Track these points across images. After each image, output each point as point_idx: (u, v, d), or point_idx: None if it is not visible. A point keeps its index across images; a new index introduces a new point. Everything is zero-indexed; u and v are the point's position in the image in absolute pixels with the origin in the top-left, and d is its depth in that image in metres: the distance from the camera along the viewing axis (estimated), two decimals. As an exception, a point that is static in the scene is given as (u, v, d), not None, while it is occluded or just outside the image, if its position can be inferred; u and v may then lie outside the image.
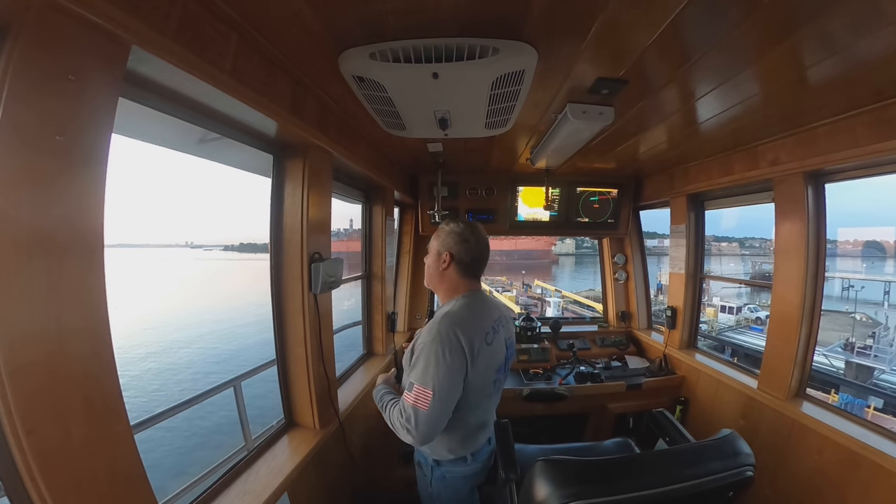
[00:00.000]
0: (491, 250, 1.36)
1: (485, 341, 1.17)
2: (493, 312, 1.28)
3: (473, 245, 1.26)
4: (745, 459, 0.95)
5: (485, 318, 1.22)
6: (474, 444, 1.30)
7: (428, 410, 1.07)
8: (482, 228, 1.33)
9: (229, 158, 1.45)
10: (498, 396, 1.35)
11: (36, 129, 0.57)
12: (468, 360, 1.11)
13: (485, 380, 1.21)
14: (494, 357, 1.23)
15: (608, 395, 2.31)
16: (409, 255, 2.91)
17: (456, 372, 1.10)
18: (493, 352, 1.21)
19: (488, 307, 1.28)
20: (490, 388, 1.25)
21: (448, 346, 1.09)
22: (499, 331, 1.26)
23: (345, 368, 2.12)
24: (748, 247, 64.25)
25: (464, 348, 1.11)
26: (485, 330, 1.19)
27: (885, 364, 13.64)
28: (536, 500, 0.89)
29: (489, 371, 1.21)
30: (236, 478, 1.22)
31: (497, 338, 1.24)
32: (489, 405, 1.32)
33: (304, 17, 0.86)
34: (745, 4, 0.80)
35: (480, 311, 1.23)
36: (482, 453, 1.34)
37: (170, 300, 48.83)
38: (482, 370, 1.17)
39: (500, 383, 1.32)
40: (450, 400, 1.10)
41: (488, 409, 1.32)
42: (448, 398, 1.09)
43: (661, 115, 1.51)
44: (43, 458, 0.59)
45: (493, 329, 1.23)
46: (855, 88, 1.20)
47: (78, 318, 0.64)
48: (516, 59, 0.98)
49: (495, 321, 1.26)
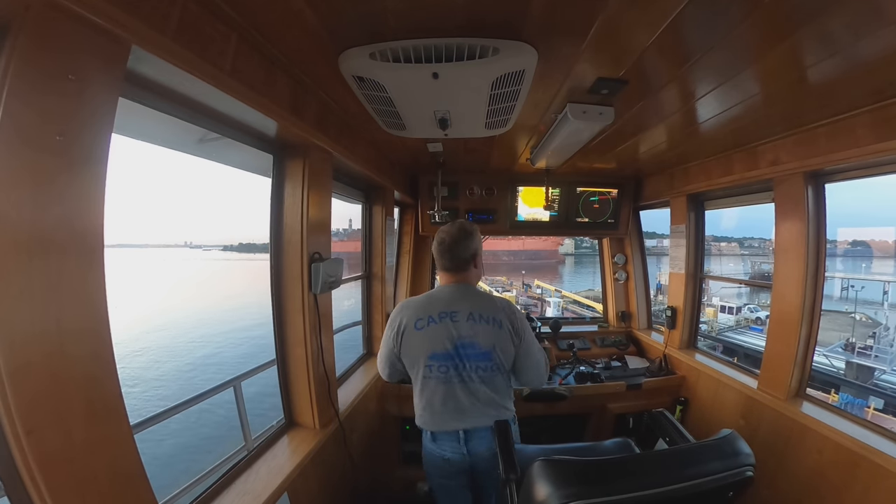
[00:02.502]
0: (498, 250, 1.47)
1: (415, 326, 1.37)
2: (454, 305, 1.38)
3: (436, 244, 1.46)
4: (745, 459, 0.95)
5: (430, 308, 1.39)
6: (434, 424, 1.40)
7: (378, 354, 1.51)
8: (457, 225, 1.47)
9: (229, 158, 1.45)
10: (451, 389, 1.36)
11: (36, 128, 0.57)
12: (396, 333, 1.40)
13: (413, 359, 1.39)
14: (426, 342, 1.36)
15: (608, 395, 2.31)
16: (409, 255, 2.91)
17: (389, 339, 1.43)
18: (424, 336, 1.36)
19: (446, 299, 1.40)
20: (425, 371, 1.37)
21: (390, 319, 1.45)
22: (444, 322, 1.36)
23: (345, 368, 2.12)
24: (747, 247, 64.28)
25: (395, 323, 1.41)
26: (420, 317, 1.38)
27: (885, 364, 13.64)
28: (536, 500, 0.89)
29: (418, 353, 1.37)
30: (236, 478, 1.22)
31: (435, 327, 1.36)
32: (435, 388, 1.37)
33: (304, 17, 0.86)
34: (745, 4, 0.80)
35: (432, 300, 1.42)
36: (446, 442, 1.39)
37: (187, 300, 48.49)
38: (409, 348, 1.38)
39: (441, 371, 1.36)
40: (383, 356, 1.47)
41: (436, 392, 1.37)
42: (382, 354, 1.48)
43: (661, 115, 1.51)
44: (43, 458, 0.59)
45: (436, 319, 1.36)
46: (855, 88, 1.19)
47: (78, 319, 0.64)
48: (516, 59, 0.98)
49: (449, 313, 1.37)
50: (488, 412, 1.38)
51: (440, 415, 1.38)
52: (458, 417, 1.37)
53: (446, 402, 1.37)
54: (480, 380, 1.37)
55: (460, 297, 1.40)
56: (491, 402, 1.38)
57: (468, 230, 1.45)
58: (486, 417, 1.37)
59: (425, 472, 1.52)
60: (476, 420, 1.37)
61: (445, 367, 1.36)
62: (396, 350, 1.41)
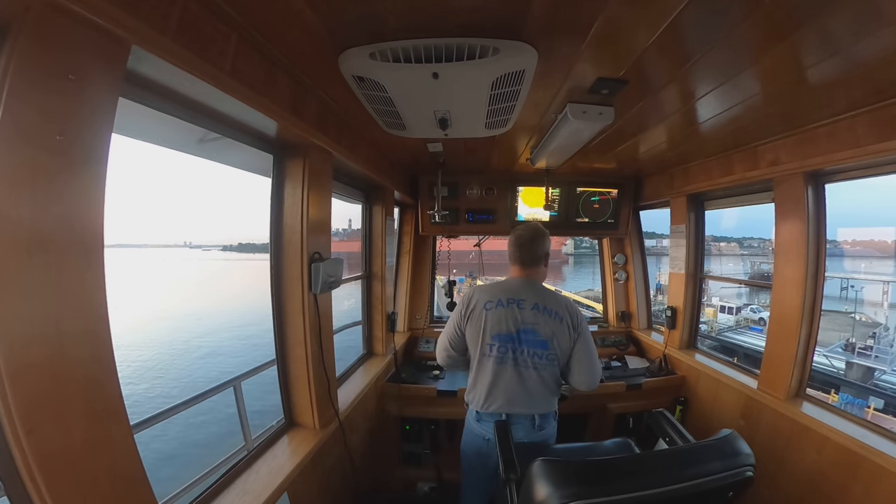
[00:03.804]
0: (504, 251, 1.64)
1: (484, 306, 1.48)
2: (522, 294, 1.51)
3: (514, 238, 1.60)
4: (745, 459, 0.95)
5: (500, 293, 1.51)
6: (481, 404, 1.48)
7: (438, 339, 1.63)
8: (533, 226, 1.62)
9: (229, 158, 1.45)
10: (505, 371, 1.46)
11: (36, 127, 0.57)
12: (465, 309, 1.53)
13: (476, 335, 1.49)
14: (492, 322, 1.47)
15: (608, 396, 2.31)
16: (409, 255, 2.91)
17: (457, 314, 1.55)
18: (490, 316, 1.47)
19: (516, 288, 1.53)
20: (484, 348, 1.47)
21: (461, 299, 1.58)
22: (511, 307, 1.48)
23: (345, 368, 2.12)
24: (747, 247, 64.21)
25: (466, 301, 1.54)
26: (490, 299, 1.50)
27: (885, 365, 13.63)
28: (536, 500, 0.89)
29: (483, 331, 1.47)
30: (236, 478, 1.22)
31: (503, 310, 1.47)
32: (490, 368, 1.47)
33: (304, 17, 0.86)
34: (745, 4, 0.80)
35: (503, 288, 1.54)
36: (490, 424, 1.45)
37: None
38: (474, 325, 1.49)
39: (500, 352, 1.46)
40: (444, 336, 1.59)
41: (491, 373, 1.46)
42: (443, 336, 1.60)
43: (662, 115, 1.51)
44: (43, 458, 0.59)
45: (504, 303, 1.48)
46: (855, 88, 1.19)
47: (78, 319, 0.64)
48: (516, 59, 0.98)
49: (516, 300, 1.49)
50: (533, 401, 1.46)
51: (489, 395, 1.46)
52: (505, 401, 1.45)
53: (498, 384, 1.45)
54: (534, 367, 1.45)
55: (528, 288, 1.53)
56: (538, 392, 1.46)
57: (543, 231, 1.60)
58: (530, 406, 1.45)
59: (461, 453, 1.60)
60: (521, 407, 1.45)
61: (505, 348, 1.45)
62: (462, 325, 1.52)
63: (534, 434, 1.47)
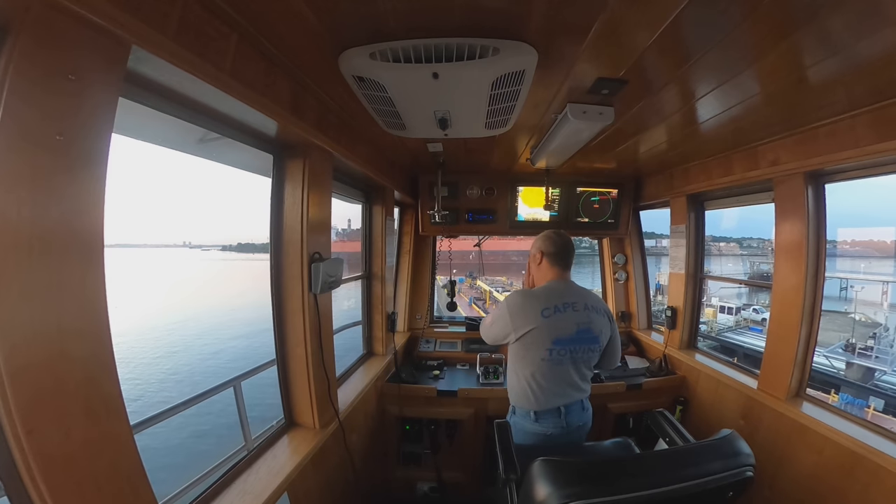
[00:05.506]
0: (508, 250, 1.70)
1: (541, 314, 1.51)
2: (571, 297, 1.57)
3: (555, 245, 1.66)
4: (745, 460, 0.95)
5: (553, 299, 1.54)
6: (539, 404, 1.53)
7: (487, 324, 1.69)
8: (560, 234, 1.71)
9: (229, 158, 1.45)
10: (563, 369, 1.53)
11: (37, 127, 0.57)
12: (518, 316, 1.53)
13: (535, 342, 1.51)
14: (552, 328, 1.50)
15: (608, 395, 2.31)
16: (409, 255, 2.91)
17: (509, 319, 1.55)
18: (550, 323, 1.50)
19: (563, 292, 1.58)
20: (543, 353, 1.50)
21: (505, 302, 1.60)
22: (567, 311, 1.53)
23: (345, 368, 2.12)
24: (746, 247, 64.20)
25: (520, 308, 1.54)
26: (546, 306, 1.52)
27: (886, 365, 13.63)
28: (536, 499, 0.89)
29: (543, 338, 1.50)
30: (236, 477, 1.22)
31: (561, 315, 1.52)
32: (548, 369, 1.52)
33: (304, 17, 0.86)
34: (745, 4, 0.80)
35: (553, 293, 1.57)
36: (549, 419, 1.54)
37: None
38: (533, 333, 1.50)
39: (560, 354, 1.51)
40: (494, 326, 1.62)
41: (549, 373, 1.52)
42: (493, 324, 1.63)
43: (662, 115, 1.51)
44: (43, 458, 0.59)
45: (561, 308, 1.53)
46: (855, 88, 1.19)
47: (78, 319, 0.64)
48: (516, 59, 0.98)
49: (570, 303, 1.55)
50: (582, 388, 1.59)
51: (547, 393, 1.53)
52: (562, 394, 1.54)
53: (556, 381, 1.53)
54: (584, 361, 1.56)
55: (573, 290, 1.61)
56: (585, 379, 1.59)
57: (568, 236, 1.74)
58: (579, 393, 1.58)
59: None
60: (573, 396, 1.56)
61: (566, 350, 1.52)
62: (519, 332, 1.52)
63: (583, 415, 1.60)
